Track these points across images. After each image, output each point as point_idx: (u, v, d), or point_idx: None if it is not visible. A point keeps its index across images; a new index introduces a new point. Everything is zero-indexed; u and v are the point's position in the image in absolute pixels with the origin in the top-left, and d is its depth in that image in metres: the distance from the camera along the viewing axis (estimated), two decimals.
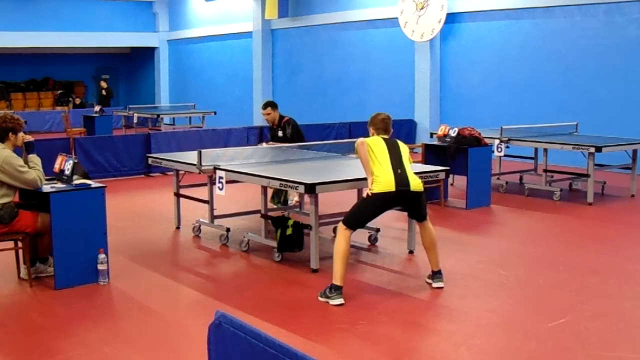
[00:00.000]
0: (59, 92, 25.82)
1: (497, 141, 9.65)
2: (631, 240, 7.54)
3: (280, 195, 8.25)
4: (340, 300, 5.25)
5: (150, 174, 12.06)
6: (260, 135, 13.84)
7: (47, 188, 5.64)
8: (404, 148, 5.73)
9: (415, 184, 5.53)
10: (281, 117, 8.66)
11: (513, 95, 13.93)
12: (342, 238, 5.38)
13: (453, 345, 4.57)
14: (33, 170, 5.59)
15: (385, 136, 5.77)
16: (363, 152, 5.46)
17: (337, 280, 5.30)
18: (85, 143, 11.90)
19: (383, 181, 5.39)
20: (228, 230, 7.20)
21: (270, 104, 8.73)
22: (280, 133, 8.61)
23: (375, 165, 5.47)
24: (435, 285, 5.68)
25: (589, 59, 12.69)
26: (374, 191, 5.41)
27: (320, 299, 5.34)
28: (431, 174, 6.79)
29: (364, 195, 5.67)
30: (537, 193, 9.76)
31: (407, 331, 4.86)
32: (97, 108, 17.56)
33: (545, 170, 9.88)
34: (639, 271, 6.30)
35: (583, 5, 12.68)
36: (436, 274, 5.72)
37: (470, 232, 7.94)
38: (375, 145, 5.55)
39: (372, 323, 4.91)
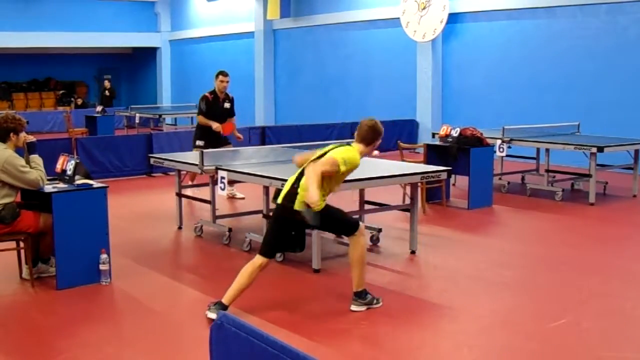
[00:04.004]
0: (61, 92, 25.84)
1: (499, 141, 9.65)
2: (633, 240, 7.54)
3: None
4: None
5: (152, 174, 12.06)
6: (262, 135, 13.83)
7: (49, 188, 5.64)
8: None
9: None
10: (226, 92, 9.20)
11: (515, 96, 13.93)
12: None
13: (455, 346, 4.57)
14: (35, 170, 5.60)
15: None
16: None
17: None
18: (87, 143, 11.92)
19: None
20: (230, 230, 7.21)
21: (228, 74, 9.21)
22: (227, 105, 9.18)
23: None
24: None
25: (591, 59, 12.68)
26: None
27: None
28: (433, 174, 6.79)
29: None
30: (539, 193, 9.75)
31: (409, 331, 4.86)
32: (99, 108, 17.57)
33: (547, 171, 9.87)
34: None
35: (584, 5, 12.67)
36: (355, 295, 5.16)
37: (472, 232, 7.93)
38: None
39: (373, 323, 4.91)
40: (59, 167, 5.98)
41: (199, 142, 8.97)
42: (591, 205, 9.05)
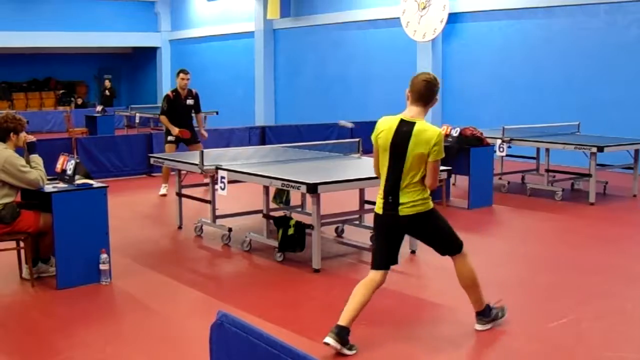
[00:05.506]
0: (61, 92, 25.84)
1: (499, 141, 9.65)
2: (633, 240, 7.54)
3: (282, 195, 8.26)
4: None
5: (152, 174, 12.06)
6: (262, 135, 13.83)
7: (49, 188, 5.64)
8: (417, 141, 4.29)
9: (406, 207, 4.43)
10: (189, 88, 9.77)
11: (515, 95, 13.93)
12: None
13: (454, 346, 4.57)
14: (35, 170, 5.60)
15: (408, 114, 4.38)
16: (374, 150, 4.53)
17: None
18: (87, 143, 11.92)
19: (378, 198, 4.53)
20: (230, 230, 7.20)
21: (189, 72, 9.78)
22: (190, 101, 9.69)
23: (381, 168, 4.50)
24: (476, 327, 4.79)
25: (591, 58, 12.68)
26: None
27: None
28: None
29: None
30: (539, 193, 9.75)
31: (409, 331, 4.85)
32: (99, 108, 17.58)
33: (547, 170, 9.87)
34: None
35: (584, 5, 12.67)
36: (477, 315, 4.79)
37: (472, 232, 7.92)
38: (382, 136, 4.41)
39: (373, 323, 4.90)
40: (59, 167, 5.98)
41: (170, 138, 9.54)
42: (591, 205, 9.05)
